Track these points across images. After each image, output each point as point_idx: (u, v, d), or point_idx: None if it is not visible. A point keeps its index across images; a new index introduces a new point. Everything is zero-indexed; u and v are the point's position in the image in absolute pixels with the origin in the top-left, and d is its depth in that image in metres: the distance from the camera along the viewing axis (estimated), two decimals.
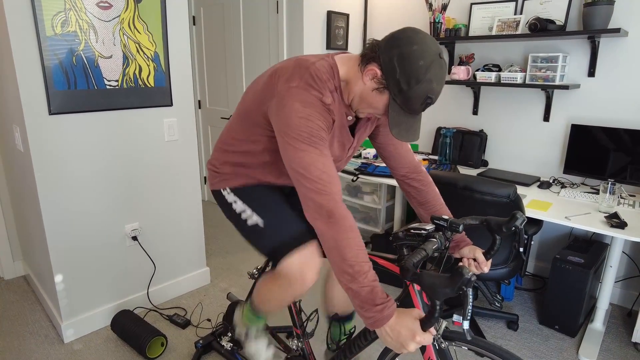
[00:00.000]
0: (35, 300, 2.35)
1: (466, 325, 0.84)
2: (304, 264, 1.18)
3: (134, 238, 2.16)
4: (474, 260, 1.23)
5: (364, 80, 1.05)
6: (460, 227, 1.03)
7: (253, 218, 1.25)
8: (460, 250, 1.25)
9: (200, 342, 1.91)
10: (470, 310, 0.83)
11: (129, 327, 1.95)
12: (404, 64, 0.98)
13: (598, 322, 2.13)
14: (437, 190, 1.35)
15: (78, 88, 1.84)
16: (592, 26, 2.16)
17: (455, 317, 0.86)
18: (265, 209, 1.26)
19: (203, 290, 2.50)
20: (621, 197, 2.19)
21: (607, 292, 2.06)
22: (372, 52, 1.04)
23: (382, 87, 1.03)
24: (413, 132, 1.06)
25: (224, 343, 1.79)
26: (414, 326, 0.92)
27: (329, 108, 1.07)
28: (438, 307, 0.86)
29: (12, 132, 2.03)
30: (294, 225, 1.23)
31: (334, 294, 1.49)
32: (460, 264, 1.24)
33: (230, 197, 1.31)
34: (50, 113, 1.79)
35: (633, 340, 2.02)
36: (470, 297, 0.81)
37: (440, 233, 1.03)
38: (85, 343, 2.02)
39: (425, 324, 0.90)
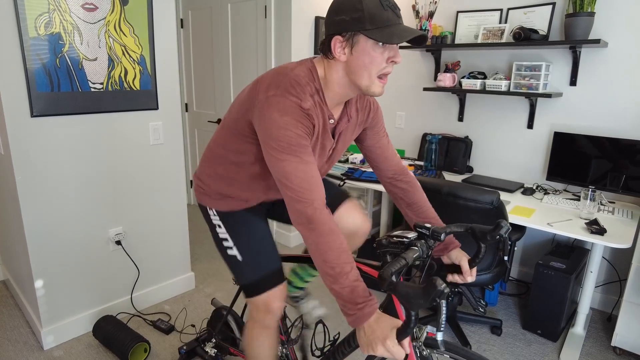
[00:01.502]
0: (14, 305, 2.30)
1: (440, 336, 0.85)
2: (269, 300, 1.29)
3: (118, 242, 2.13)
4: (459, 270, 1.23)
5: (339, 57, 1.05)
6: (442, 236, 1.04)
7: (233, 250, 1.31)
8: (449, 254, 1.26)
9: (184, 347, 1.89)
10: (444, 322, 0.83)
11: (111, 332, 1.93)
12: (341, 8, 1.02)
13: (579, 327, 2.16)
14: (423, 192, 1.37)
15: (62, 90, 1.82)
16: (574, 36, 2.21)
17: (429, 329, 0.86)
18: (246, 244, 1.31)
19: (187, 296, 2.48)
20: (601, 204, 2.23)
21: (588, 297, 2.10)
22: (324, 37, 1.07)
23: (351, 40, 1.03)
24: (410, 30, 1.02)
25: (207, 349, 1.78)
26: (388, 331, 0.93)
27: (309, 113, 1.07)
28: (413, 318, 0.86)
29: None
30: (269, 267, 1.30)
31: None
32: (449, 275, 1.24)
33: (215, 219, 1.34)
34: (33, 115, 1.76)
35: (612, 344, 2.06)
36: (444, 308, 0.81)
37: (423, 241, 1.04)
38: (65, 350, 1.98)
39: (400, 334, 0.90)
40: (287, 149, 1.01)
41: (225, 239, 1.31)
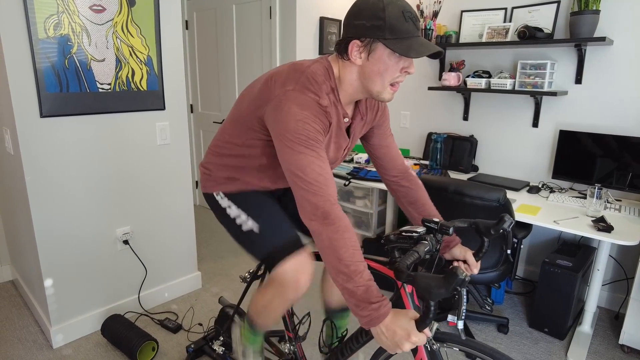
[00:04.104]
0: (23, 305, 2.32)
1: (460, 325, 0.86)
2: (298, 269, 1.21)
3: (125, 242, 2.15)
4: (464, 262, 1.24)
5: (355, 61, 1.06)
6: (451, 230, 1.05)
7: (248, 224, 1.27)
8: (451, 251, 1.27)
9: (192, 346, 1.90)
10: (464, 311, 0.84)
11: (119, 331, 1.94)
12: (363, 13, 1.02)
13: (586, 325, 2.16)
14: (425, 190, 1.37)
15: (70, 91, 1.84)
16: (579, 35, 2.21)
17: (450, 317, 0.87)
18: (260, 214, 1.28)
19: (194, 295, 2.49)
20: (608, 202, 2.23)
21: (595, 295, 2.09)
22: (342, 38, 1.08)
23: (369, 46, 1.03)
24: (428, 45, 1.03)
25: (215, 347, 1.79)
26: (409, 326, 0.93)
27: (326, 110, 1.07)
28: (432, 308, 0.87)
29: (2, 135, 2.01)
30: (288, 232, 1.26)
31: (332, 287, 1.49)
32: (455, 264, 1.26)
33: (224, 201, 1.32)
34: (42, 116, 1.78)
35: (620, 342, 2.05)
36: (465, 297, 0.82)
37: (432, 235, 1.05)
38: (74, 348, 2.00)
39: (420, 325, 0.91)
40: (304, 142, 1.01)
41: (238, 216, 1.28)
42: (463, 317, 0.84)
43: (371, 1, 1.01)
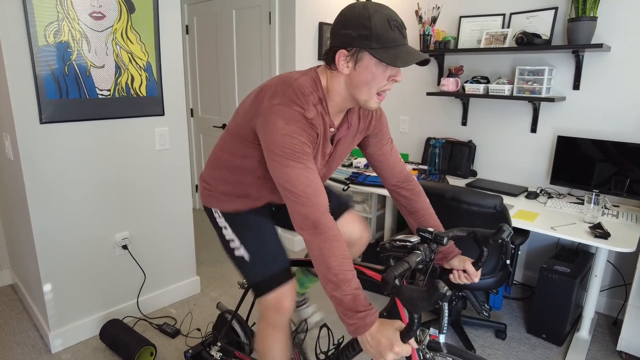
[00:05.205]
0: (22, 309, 2.33)
1: (442, 338, 0.86)
2: (280, 298, 1.28)
3: (124, 247, 2.16)
4: (464, 271, 1.25)
5: (342, 70, 1.07)
6: (445, 240, 1.05)
7: (240, 250, 1.31)
8: (450, 261, 1.27)
9: (190, 351, 1.90)
10: (446, 324, 0.84)
11: (118, 336, 1.95)
12: (349, 23, 1.02)
13: (584, 331, 2.16)
14: (427, 200, 1.37)
15: (70, 97, 1.85)
16: (576, 41, 2.22)
17: (432, 331, 0.87)
18: (253, 243, 1.31)
19: (193, 300, 2.50)
20: (605, 208, 2.23)
21: (593, 301, 2.09)
22: (330, 48, 1.08)
23: (356, 55, 1.04)
24: (414, 54, 1.03)
25: (213, 353, 1.79)
26: (393, 336, 0.93)
27: (312, 122, 1.08)
28: (416, 320, 0.87)
29: (2, 141, 2.03)
30: (278, 264, 1.30)
31: None
32: (455, 272, 1.26)
33: (221, 221, 1.35)
34: (42, 122, 1.79)
35: (618, 348, 2.05)
36: (446, 311, 0.82)
37: (426, 245, 1.05)
38: (73, 353, 2.00)
39: (404, 336, 0.92)
40: (291, 156, 1.02)
41: (232, 240, 1.32)
42: (444, 331, 0.85)
43: (357, 10, 1.02)
